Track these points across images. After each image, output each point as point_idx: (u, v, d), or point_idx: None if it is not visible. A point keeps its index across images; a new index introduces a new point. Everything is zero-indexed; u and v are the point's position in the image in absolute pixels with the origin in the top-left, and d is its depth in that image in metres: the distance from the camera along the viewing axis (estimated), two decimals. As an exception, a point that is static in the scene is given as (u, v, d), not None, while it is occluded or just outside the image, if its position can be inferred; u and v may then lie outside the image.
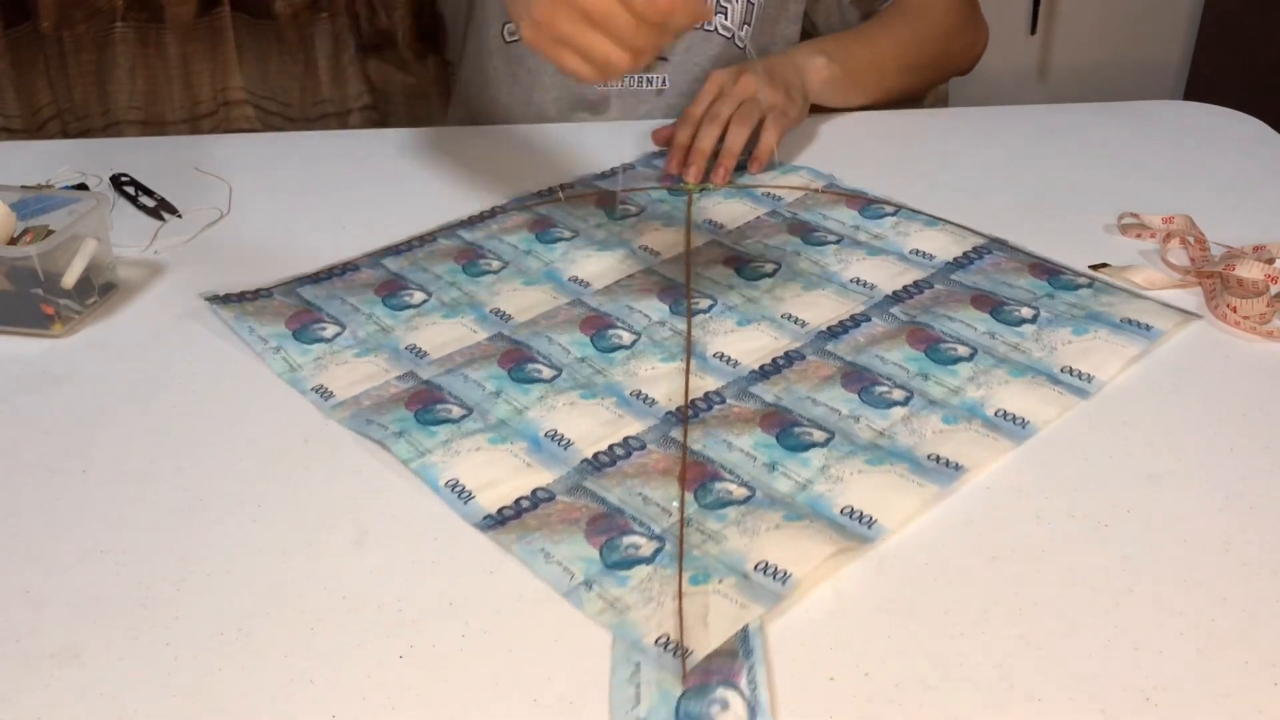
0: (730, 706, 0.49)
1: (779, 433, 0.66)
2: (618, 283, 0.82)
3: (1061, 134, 1.07)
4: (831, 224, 0.90)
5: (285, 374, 0.72)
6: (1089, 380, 0.71)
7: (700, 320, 0.77)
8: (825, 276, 0.83)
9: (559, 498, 0.61)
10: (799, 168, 1.00)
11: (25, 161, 1.02)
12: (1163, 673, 0.51)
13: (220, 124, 1.51)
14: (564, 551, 0.57)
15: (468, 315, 0.78)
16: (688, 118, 0.99)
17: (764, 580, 0.55)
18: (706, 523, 0.60)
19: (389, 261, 0.85)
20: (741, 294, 0.81)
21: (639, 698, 0.50)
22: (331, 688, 0.51)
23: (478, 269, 0.84)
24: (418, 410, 0.68)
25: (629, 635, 0.53)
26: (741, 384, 0.71)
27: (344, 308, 0.79)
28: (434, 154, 1.03)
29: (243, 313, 0.77)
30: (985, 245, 0.87)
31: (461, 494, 0.62)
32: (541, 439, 0.66)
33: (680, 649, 0.52)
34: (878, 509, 0.60)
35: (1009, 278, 0.82)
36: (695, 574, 0.56)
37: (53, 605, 0.55)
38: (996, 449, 0.65)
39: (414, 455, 0.64)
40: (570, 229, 0.89)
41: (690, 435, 0.66)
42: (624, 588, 0.55)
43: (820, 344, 0.75)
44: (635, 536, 0.58)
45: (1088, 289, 0.81)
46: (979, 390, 0.70)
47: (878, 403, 0.69)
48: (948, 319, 0.77)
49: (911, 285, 0.82)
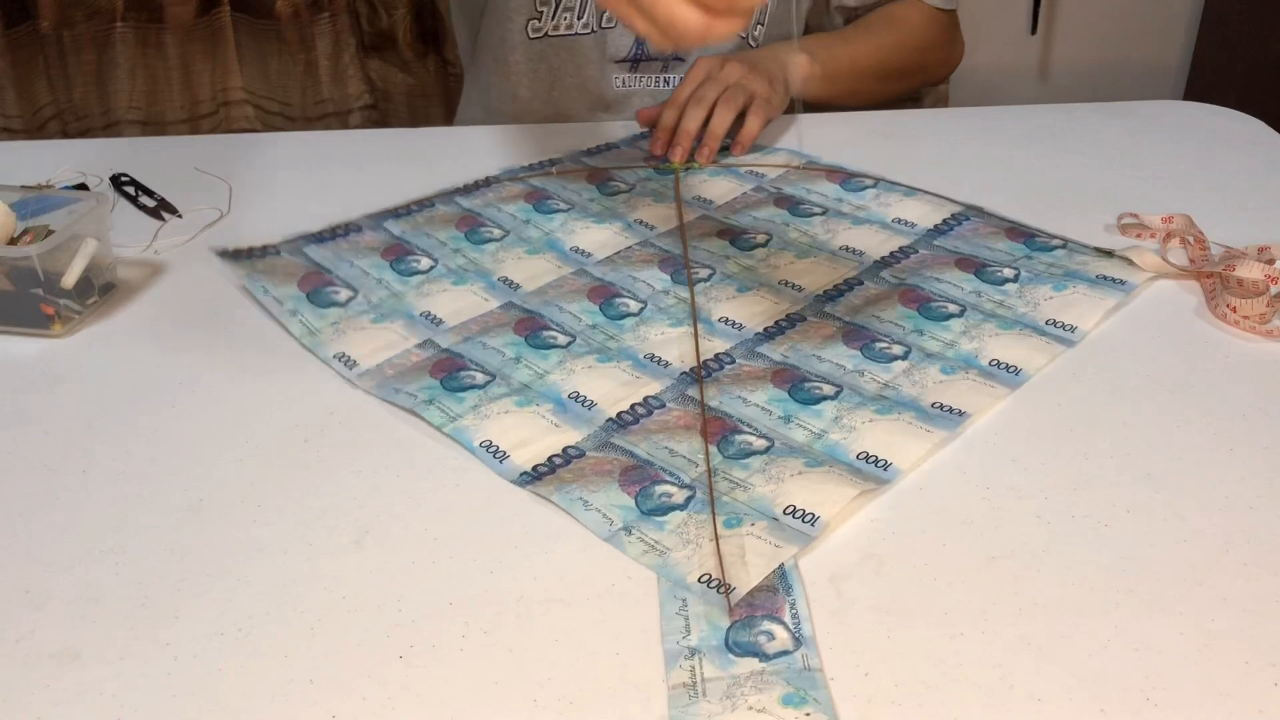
0: (776, 638, 0.52)
1: (790, 388, 0.70)
2: (618, 253, 0.85)
3: (1061, 134, 1.07)
4: (815, 198, 0.95)
5: (305, 337, 0.75)
6: (1072, 330, 0.76)
7: (702, 288, 0.81)
8: (815, 245, 0.87)
9: (589, 454, 0.64)
10: (778, 149, 1.04)
11: (25, 161, 1.02)
12: (1163, 673, 0.51)
13: (220, 124, 1.51)
14: (601, 500, 0.61)
15: (477, 283, 0.81)
16: (673, 100, 1.02)
17: (794, 523, 0.59)
18: (732, 472, 0.63)
19: (390, 224, 0.88)
20: (738, 263, 0.84)
21: (689, 629, 0.53)
22: (331, 688, 0.51)
23: (480, 236, 0.87)
24: (443, 378, 0.71)
25: (671, 575, 0.56)
26: (749, 345, 0.74)
27: (354, 271, 0.81)
28: (434, 154, 1.03)
29: (254, 270, 0.80)
30: (962, 212, 0.91)
31: (496, 453, 0.64)
32: (566, 400, 0.69)
33: (723, 585, 0.55)
34: (891, 453, 0.64)
35: (988, 241, 0.87)
36: (728, 518, 0.59)
37: (53, 605, 0.55)
38: (994, 395, 0.70)
39: (446, 420, 0.67)
40: (566, 201, 0.92)
41: (706, 393, 0.69)
42: (662, 532, 0.59)
43: (819, 306, 0.79)
44: (667, 485, 0.62)
45: (1062, 250, 0.85)
46: (972, 343, 0.74)
47: (879, 357, 0.73)
48: (936, 280, 0.82)
49: (897, 251, 0.86)
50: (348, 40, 1.49)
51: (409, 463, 0.65)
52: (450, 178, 0.98)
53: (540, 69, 1.15)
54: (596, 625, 0.54)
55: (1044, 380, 0.72)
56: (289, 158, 1.04)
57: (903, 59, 1.16)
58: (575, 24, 1.11)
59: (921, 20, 1.17)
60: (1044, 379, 0.72)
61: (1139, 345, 0.75)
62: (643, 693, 0.50)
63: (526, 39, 1.13)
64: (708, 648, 0.52)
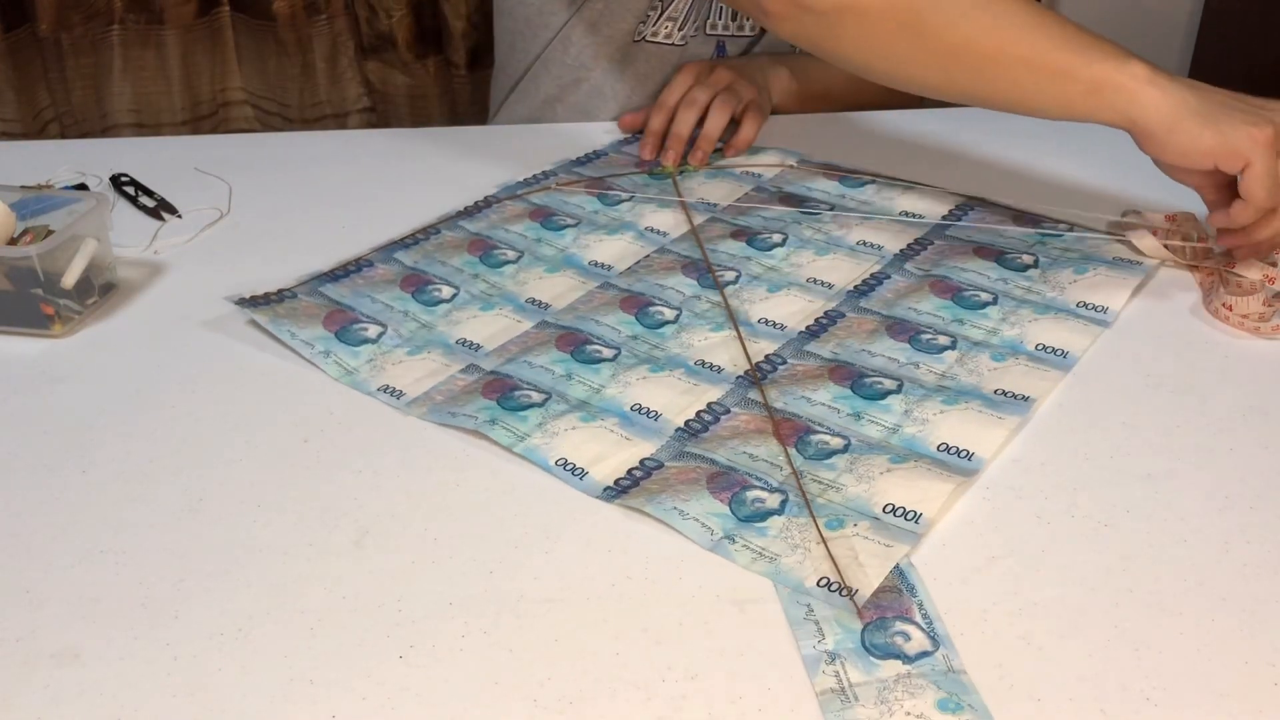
0: (913, 638, 0.52)
1: (852, 384, 0.70)
2: (639, 263, 0.85)
3: (1062, 134, 1.07)
4: (818, 195, 0.95)
5: (343, 377, 0.72)
6: (1104, 311, 0.77)
7: (732, 291, 0.80)
8: (832, 242, 0.87)
9: (668, 464, 0.63)
10: (767, 148, 1.03)
11: (25, 162, 1.02)
12: (1163, 673, 0.51)
13: (220, 125, 1.51)
14: (696, 508, 0.60)
15: (505, 306, 0.79)
16: (661, 104, 1.01)
17: (897, 521, 0.59)
18: (819, 473, 0.63)
19: (401, 255, 0.85)
20: (760, 264, 0.84)
21: (821, 633, 0.53)
22: (331, 688, 0.51)
23: (495, 259, 0.85)
24: (498, 398, 0.69)
25: (788, 580, 0.56)
26: (795, 344, 0.74)
27: (376, 306, 0.79)
28: (434, 154, 1.03)
29: (275, 315, 0.76)
30: (966, 203, 0.93)
31: (575, 471, 0.63)
32: (629, 413, 0.68)
33: (845, 588, 0.54)
34: (970, 442, 0.64)
35: (998, 228, 0.88)
36: (829, 520, 0.59)
37: (53, 605, 0.55)
38: (1050, 379, 0.70)
39: (515, 440, 0.65)
40: (571, 216, 0.91)
41: (768, 395, 0.69)
42: (766, 538, 0.58)
43: (854, 301, 0.79)
44: (757, 491, 0.61)
45: (1070, 234, 0.87)
46: (1014, 329, 0.75)
47: (929, 349, 0.73)
48: (960, 270, 0.82)
49: (914, 243, 0.87)
50: (346, 43, 1.49)
51: (409, 463, 0.65)
52: (450, 177, 0.98)
53: (628, 73, 1.11)
54: (596, 625, 0.54)
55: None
56: (289, 158, 1.04)
57: (872, 90, 1.14)
58: (675, 34, 1.09)
59: None
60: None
61: (1138, 345, 0.76)
62: (642, 692, 0.50)
63: (630, 41, 1.09)
64: (845, 651, 0.51)
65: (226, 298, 0.78)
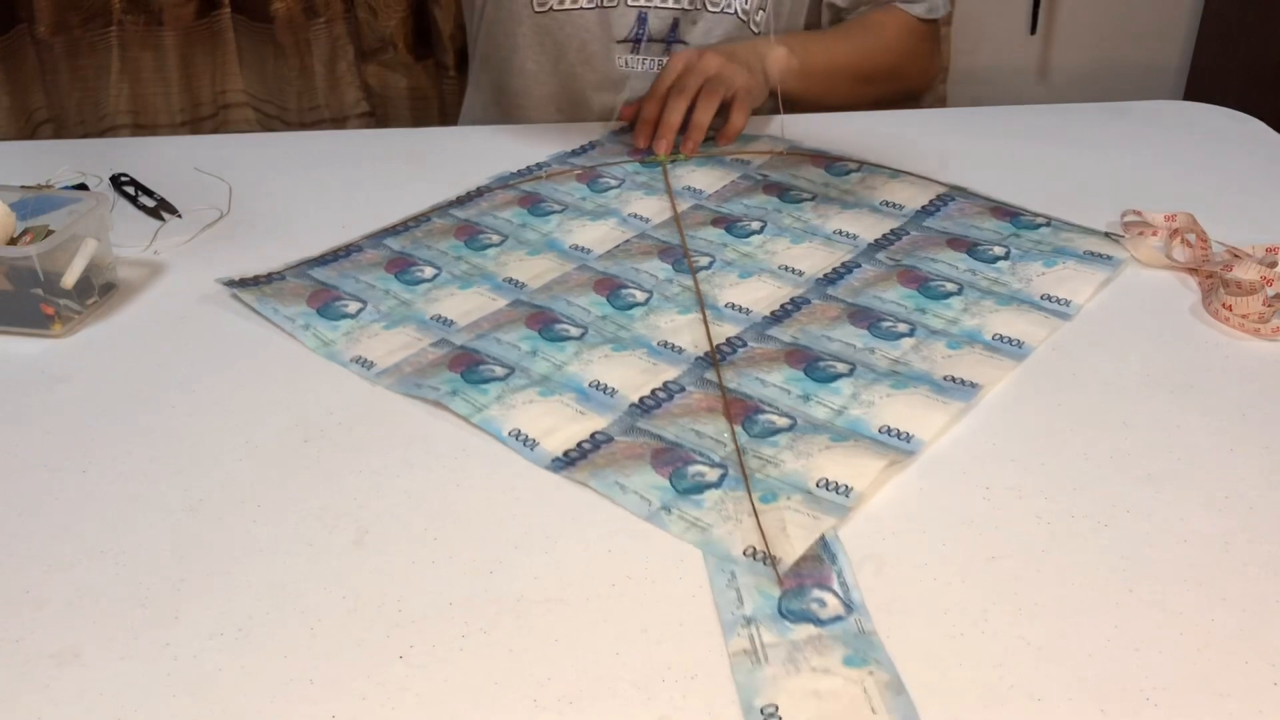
0: (828, 605, 0.54)
1: (805, 367, 0.72)
2: (618, 247, 0.87)
3: (1061, 134, 1.07)
4: (802, 183, 0.97)
5: (319, 349, 0.75)
6: (1067, 304, 0.79)
7: (704, 276, 0.82)
8: (809, 230, 0.89)
9: (617, 439, 0.66)
10: (757, 136, 1.05)
11: (25, 162, 1.02)
12: (1163, 673, 0.51)
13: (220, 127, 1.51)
14: (637, 482, 0.62)
15: (482, 285, 0.81)
16: (653, 93, 1.02)
17: (828, 495, 0.61)
18: (761, 450, 0.65)
19: (390, 241, 0.88)
20: (736, 250, 0.86)
21: (741, 600, 0.54)
22: (331, 688, 0.51)
23: (480, 243, 0.87)
24: (463, 371, 0.71)
25: (717, 550, 0.58)
26: (758, 328, 0.76)
27: (359, 285, 0.81)
28: (434, 154, 1.03)
29: (262, 295, 0.79)
30: (947, 193, 0.94)
31: (526, 441, 0.65)
32: (587, 389, 0.70)
33: (769, 557, 0.57)
34: (912, 425, 0.66)
35: (975, 221, 0.90)
36: (764, 494, 0.61)
37: (53, 605, 0.55)
38: (1002, 367, 0.72)
39: (473, 411, 0.68)
40: (559, 202, 0.93)
41: (724, 376, 0.71)
42: (701, 509, 0.60)
43: (821, 289, 0.81)
44: (699, 466, 0.63)
45: (1046, 228, 0.88)
46: (973, 319, 0.77)
47: (887, 335, 0.75)
48: (931, 260, 0.84)
49: (889, 234, 0.88)
50: (345, 47, 1.49)
51: (409, 463, 0.65)
52: (449, 177, 0.98)
53: (546, 42, 1.15)
54: (596, 625, 0.54)
55: (1044, 380, 0.72)
56: (289, 158, 1.04)
57: (880, 63, 1.18)
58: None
59: (903, 28, 1.18)
60: (1043, 379, 0.72)
61: (1138, 345, 0.76)
62: (643, 693, 0.50)
63: (532, 12, 1.13)
64: (763, 616, 0.53)
65: (216, 279, 0.80)
